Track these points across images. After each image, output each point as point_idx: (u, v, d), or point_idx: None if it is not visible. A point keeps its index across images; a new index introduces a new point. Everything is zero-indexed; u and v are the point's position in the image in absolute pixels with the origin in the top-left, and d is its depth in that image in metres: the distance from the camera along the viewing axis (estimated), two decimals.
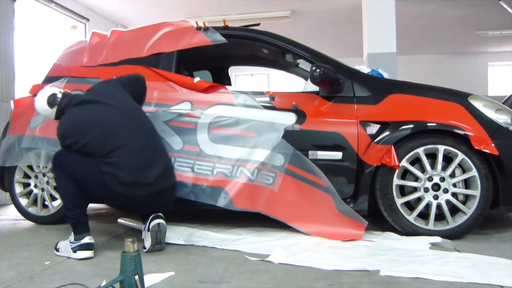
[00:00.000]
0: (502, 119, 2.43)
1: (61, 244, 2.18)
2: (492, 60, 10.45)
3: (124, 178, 2.09)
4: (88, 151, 2.13)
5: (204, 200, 2.56)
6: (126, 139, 2.16)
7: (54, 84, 3.03)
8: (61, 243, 2.19)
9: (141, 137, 2.22)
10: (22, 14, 5.08)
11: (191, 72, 3.62)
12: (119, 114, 2.23)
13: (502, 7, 6.42)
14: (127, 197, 2.13)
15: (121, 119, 2.21)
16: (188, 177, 2.59)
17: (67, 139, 2.17)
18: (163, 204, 2.29)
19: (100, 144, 2.12)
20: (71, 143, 2.16)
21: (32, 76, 4.72)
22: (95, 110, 2.22)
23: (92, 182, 2.12)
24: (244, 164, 2.53)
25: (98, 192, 2.15)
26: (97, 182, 2.10)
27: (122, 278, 1.49)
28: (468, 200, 2.39)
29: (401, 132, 2.41)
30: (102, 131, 2.14)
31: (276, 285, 1.69)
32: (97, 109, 2.22)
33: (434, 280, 1.69)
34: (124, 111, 2.26)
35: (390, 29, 4.90)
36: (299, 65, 3.69)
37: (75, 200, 2.16)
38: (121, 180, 2.08)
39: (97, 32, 3.24)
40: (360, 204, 2.47)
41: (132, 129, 2.21)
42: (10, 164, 2.96)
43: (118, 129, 2.17)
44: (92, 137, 2.13)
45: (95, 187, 2.13)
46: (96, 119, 2.18)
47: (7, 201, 4.13)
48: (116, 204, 2.33)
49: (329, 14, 7.08)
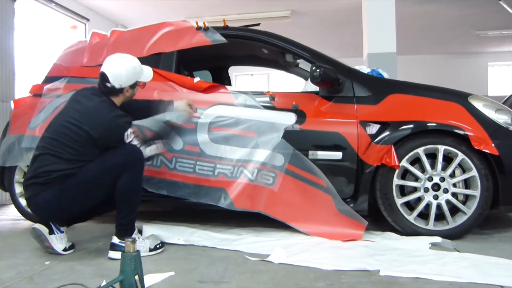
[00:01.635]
0: (502, 119, 2.43)
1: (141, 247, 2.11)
2: (492, 60, 10.44)
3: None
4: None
5: (205, 200, 2.57)
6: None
7: (54, 84, 3.04)
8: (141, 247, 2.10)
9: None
10: (22, 14, 5.08)
11: (191, 72, 3.62)
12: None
13: (502, 7, 6.42)
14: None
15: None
16: (190, 177, 2.60)
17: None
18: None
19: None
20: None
21: (32, 76, 4.72)
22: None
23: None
24: (245, 164, 2.53)
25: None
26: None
27: (122, 278, 1.49)
28: (468, 200, 2.39)
29: (401, 132, 2.41)
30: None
31: (276, 285, 1.69)
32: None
33: (434, 280, 1.69)
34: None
35: (390, 29, 4.90)
36: (299, 65, 3.69)
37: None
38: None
39: (97, 32, 3.24)
40: (360, 204, 2.47)
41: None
42: (10, 164, 2.96)
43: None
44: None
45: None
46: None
47: (7, 201, 4.13)
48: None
49: (329, 14, 7.08)
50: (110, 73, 2.15)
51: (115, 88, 2.17)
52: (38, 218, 2.19)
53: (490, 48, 9.80)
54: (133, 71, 2.20)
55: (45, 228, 2.11)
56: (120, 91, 2.19)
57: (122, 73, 2.16)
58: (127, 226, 2.11)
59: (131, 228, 2.13)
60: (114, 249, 2.07)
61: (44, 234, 2.10)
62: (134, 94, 2.30)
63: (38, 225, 2.11)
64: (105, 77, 2.16)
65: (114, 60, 2.20)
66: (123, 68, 2.17)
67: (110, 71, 2.15)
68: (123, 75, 2.16)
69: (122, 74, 2.16)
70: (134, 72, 2.20)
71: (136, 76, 2.23)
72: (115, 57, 2.22)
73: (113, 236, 2.11)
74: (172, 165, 2.63)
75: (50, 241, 2.11)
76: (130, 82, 2.20)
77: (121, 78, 2.16)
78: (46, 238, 2.10)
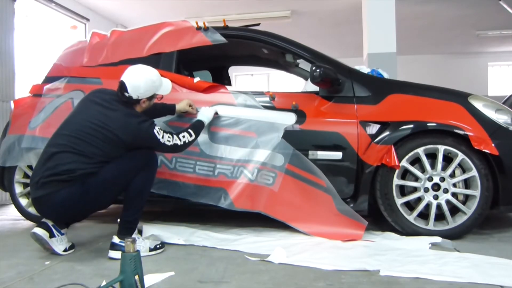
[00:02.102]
0: (502, 119, 2.43)
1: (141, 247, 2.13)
2: (492, 60, 10.44)
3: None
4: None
5: (205, 200, 2.57)
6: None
7: (54, 84, 3.04)
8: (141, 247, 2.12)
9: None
10: (22, 14, 5.08)
11: (191, 72, 3.62)
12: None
13: (502, 7, 6.42)
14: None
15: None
16: (190, 178, 2.60)
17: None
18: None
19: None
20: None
21: (32, 76, 4.72)
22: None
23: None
24: (245, 164, 2.53)
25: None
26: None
27: (122, 278, 1.49)
28: (468, 200, 2.39)
29: (401, 132, 2.41)
30: None
31: (276, 285, 1.69)
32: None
33: (434, 280, 1.69)
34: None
35: (390, 29, 4.90)
36: (299, 65, 3.69)
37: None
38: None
39: (97, 32, 3.24)
40: (360, 204, 2.47)
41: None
42: (10, 164, 2.96)
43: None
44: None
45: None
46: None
47: (7, 201, 4.13)
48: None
49: (329, 14, 7.08)
50: (129, 84, 2.15)
51: (132, 99, 2.17)
52: (50, 216, 2.14)
53: (490, 48, 9.80)
54: (152, 84, 2.21)
55: (46, 232, 2.10)
56: (137, 102, 2.20)
57: (140, 85, 2.16)
58: (131, 224, 2.14)
59: (133, 226, 2.15)
60: (114, 249, 2.08)
61: (44, 238, 2.10)
62: (151, 106, 2.32)
63: (38, 230, 2.10)
64: (124, 86, 2.16)
65: (135, 71, 2.20)
66: (142, 80, 2.17)
67: (129, 82, 2.15)
68: (141, 87, 2.16)
69: (141, 86, 2.16)
70: (153, 86, 2.21)
71: (154, 89, 2.24)
72: (136, 68, 2.22)
73: (114, 235, 2.11)
74: (172, 165, 2.63)
75: (51, 244, 2.11)
76: (147, 94, 2.21)
77: (139, 90, 2.16)
78: (47, 242, 2.10)
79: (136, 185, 2.11)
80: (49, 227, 2.12)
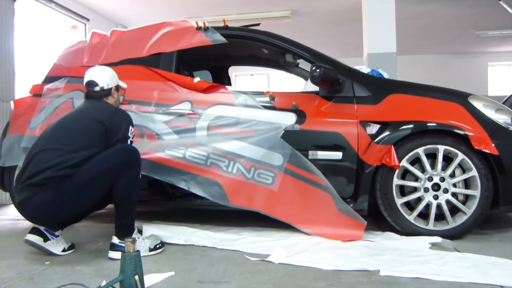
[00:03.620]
0: (502, 119, 2.43)
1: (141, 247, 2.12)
2: (492, 60, 10.44)
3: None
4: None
5: (196, 191, 2.51)
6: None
7: (54, 84, 3.04)
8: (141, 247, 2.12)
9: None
10: (22, 14, 5.08)
11: (191, 72, 3.62)
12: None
13: (502, 7, 6.42)
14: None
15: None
16: (178, 163, 2.53)
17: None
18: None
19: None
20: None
21: (32, 76, 4.72)
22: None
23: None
24: (240, 159, 2.50)
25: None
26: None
27: (122, 278, 1.49)
28: (468, 200, 2.39)
29: (401, 132, 2.41)
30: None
31: (276, 285, 1.69)
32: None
33: (434, 280, 1.69)
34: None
35: (390, 29, 4.91)
36: (299, 65, 3.69)
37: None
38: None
39: (97, 32, 3.24)
40: (360, 204, 2.47)
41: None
42: (10, 164, 2.96)
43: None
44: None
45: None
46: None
47: (7, 201, 4.13)
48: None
49: (329, 14, 7.08)
50: (95, 77, 2.29)
51: (104, 89, 2.28)
52: (35, 221, 2.12)
53: (490, 48, 9.80)
54: (112, 73, 2.37)
55: (39, 237, 2.09)
56: (109, 92, 2.31)
57: (105, 74, 2.32)
58: (127, 226, 2.10)
59: (130, 228, 2.12)
60: (114, 249, 2.07)
61: (37, 243, 2.09)
62: (119, 100, 2.41)
63: (31, 236, 2.08)
64: (92, 82, 2.28)
65: (93, 69, 2.39)
66: (103, 70, 2.36)
67: (95, 76, 2.30)
68: (106, 75, 2.32)
69: (106, 74, 2.32)
70: (113, 74, 2.37)
71: (116, 78, 2.37)
72: (92, 68, 2.41)
73: (113, 236, 2.10)
74: (162, 149, 2.57)
75: (47, 248, 2.10)
76: (114, 82, 2.35)
77: (106, 78, 2.30)
78: (41, 246, 2.10)
79: (120, 190, 2.03)
80: (42, 232, 2.11)
